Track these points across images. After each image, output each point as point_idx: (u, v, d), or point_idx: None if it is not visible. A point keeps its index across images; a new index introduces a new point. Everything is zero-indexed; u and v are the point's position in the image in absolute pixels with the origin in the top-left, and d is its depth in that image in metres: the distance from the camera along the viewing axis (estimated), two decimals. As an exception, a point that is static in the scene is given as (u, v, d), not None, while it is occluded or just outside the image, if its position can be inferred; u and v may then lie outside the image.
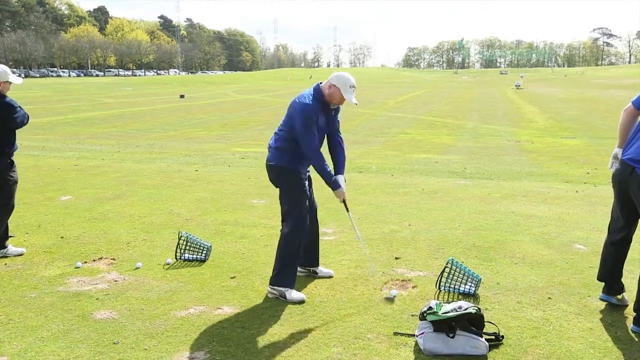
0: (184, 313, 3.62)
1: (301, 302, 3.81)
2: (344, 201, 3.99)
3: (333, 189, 3.89)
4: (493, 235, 5.41)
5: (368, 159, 11.36)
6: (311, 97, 3.76)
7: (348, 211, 4.08)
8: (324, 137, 3.95)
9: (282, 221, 3.99)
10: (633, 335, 3.32)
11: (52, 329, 3.38)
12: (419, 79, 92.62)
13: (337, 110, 4.00)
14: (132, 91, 50.07)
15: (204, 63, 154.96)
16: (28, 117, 4.91)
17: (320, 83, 3.86)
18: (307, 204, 3.97)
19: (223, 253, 4.88)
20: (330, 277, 4.30)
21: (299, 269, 4.21)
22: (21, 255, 4.82)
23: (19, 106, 4.80)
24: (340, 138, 4.12)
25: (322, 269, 4.34)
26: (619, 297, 3.70)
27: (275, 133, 3.97)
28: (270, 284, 3.92)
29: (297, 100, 3.78)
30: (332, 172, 3.91)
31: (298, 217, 3.87)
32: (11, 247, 4.88)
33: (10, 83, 4.78)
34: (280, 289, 3.85)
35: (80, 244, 5.15)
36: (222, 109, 28.92)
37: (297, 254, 3.90)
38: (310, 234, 4.15)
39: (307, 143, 3.72)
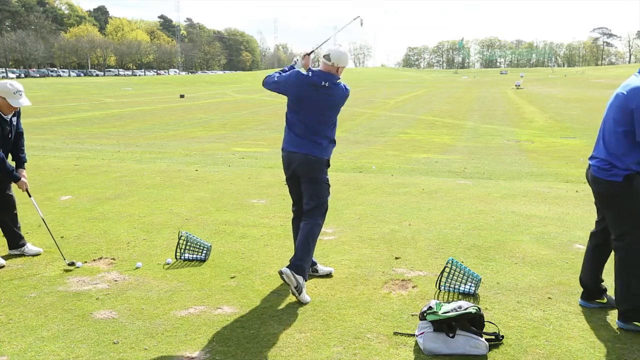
0: (184, 313, 3.62)
1: (307, 303, 3.80)
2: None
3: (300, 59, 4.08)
4: (493, 235, 5.41)
5: (368, 158, 11.36)
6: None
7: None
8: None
9: (313, 210, 4.01)
10: (633, 334, 3.32)
11: (52, 329, 3.38)
12: (419, 79, 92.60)
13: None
14: (132, 91, 50.08)
15: (204, 63, 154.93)
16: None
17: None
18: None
19: (223, 253, 4.88)
20: (330, 274, 4.31)
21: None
22: (38, 254, 4.82)
23: None
24: None
25: (321, 267, 4.35)
26: (602, 300, 3.68)
27: (316, 130, 3.95)
28: (295, 271, 3.78)
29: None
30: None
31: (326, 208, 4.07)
32: (30, 245, 4.89)
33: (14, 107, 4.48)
34: (301, 279, 3.77)
35: (80, 243, 5.15)
36: (222, 109, 28.93)
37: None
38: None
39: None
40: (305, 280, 3.85)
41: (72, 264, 4.55)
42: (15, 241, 4.82)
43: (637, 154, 3.25)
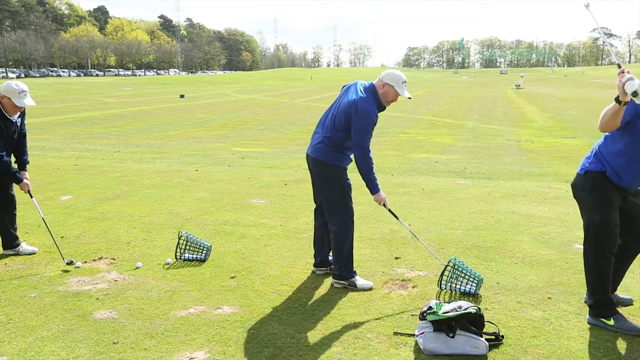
0: (184, 313, 3.62)
1: (370, 289, 4.00)
2: (384, 205, 4.06)
3: (374, 193, 3.96)
4: (493, 235, 5.41)
5: (368, 158, 11.34)
6: (372, 101, 3.84)
7: (397, 218, 4.21)
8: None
9: (330, 218, 4.08)
10: (633, 335, 3.32)
11: (52, 329, 3.38)
12: (419, 79, 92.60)
13: None
14: (132, 91, 50.07)
15: (204, 63, 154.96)
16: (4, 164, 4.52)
17: (372, 84, 3.95)
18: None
19: (223, 253, 4.88)
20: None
21: (316, 269, 4.39)
22: (33, 254, 4.82)
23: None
24: None
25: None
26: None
27: (326, 131, 4.01)
28: (337, 279, 4.08)
29: (360, 106, 3.79)
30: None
31: (348, 211, 4.02)
32: (24, 244, 4.89)
33: (17, 106, 4.45)
34: (346, 282, 4.06)
35: (80, 243, 5.15)
36: (222, 109, 28.92)
37: (352, 245, 4.08)
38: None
39: (362, 138, 3.81)
40: (352, 277, 4.04)
41: (70, 262, 4.55)
42: (11, 242, 4.83)
43: (622, 160, 3.27)
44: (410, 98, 3.99)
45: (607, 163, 3.32)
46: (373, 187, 3.94)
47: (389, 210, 4.14)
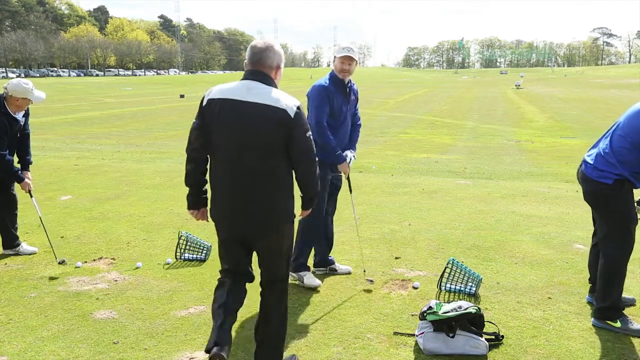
0: (184, 313, 3.62)
1: (316, 287, 4.02)
2: (348, 179, 4.16)
3: (337, 163, 4.02)
4: (493, 235, 5.41)
5: (368, 158, 11.34)
6: (326, 79, 4.01)
7: (351, 192, 4.28)
8: (345, 117, 4.08)
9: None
10: (637, 337, 3.31)
11: (52, 329, 3.38)
12: (419, 79, 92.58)
13: (355, 94, 4.20)
14: (133, 91, 50.05)
15: (204, 63, 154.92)
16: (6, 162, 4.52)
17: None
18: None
19: (223, 253, 4.87)
20: (349, 273, 4.36)
21: (316, 269, 4.38)
22: (33, 254, 4.82)
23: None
24: (358, 121, 4.32)
25: (339, 266, 4.42)
26: None
27: None
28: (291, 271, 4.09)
29: (309, 90, 4.02)
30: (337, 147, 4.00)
31: (320, 205, 4.04)
32: (24, 245, 4.89)
33: (31, 101, 4.49)
34: (296, 274, 4.09)
35: (80, 243, 5.15)
36: (222, 109, 28.87)
37: (310, 239, 4.15)
38: (330, 232, 4.36)
39: (312, 115, 3.88)
40: (304, 271, 4.09)
41: (62, 262, 4.54)
42: (11, 242, 4.83)
43: (637, 166, 3.25)
44: (348, 54, 3.92)
45: (630, 172, 3.28)
46: (338, 158, 3.98)
47: (347, 179, 4.21)
